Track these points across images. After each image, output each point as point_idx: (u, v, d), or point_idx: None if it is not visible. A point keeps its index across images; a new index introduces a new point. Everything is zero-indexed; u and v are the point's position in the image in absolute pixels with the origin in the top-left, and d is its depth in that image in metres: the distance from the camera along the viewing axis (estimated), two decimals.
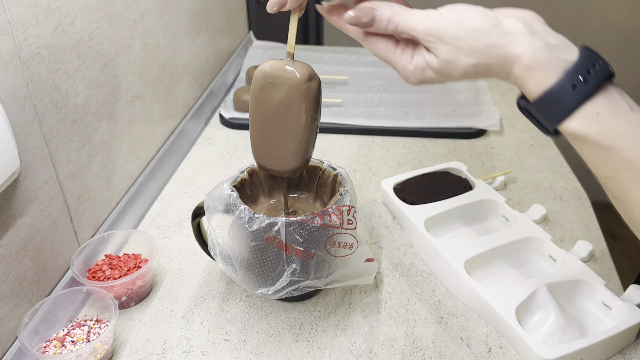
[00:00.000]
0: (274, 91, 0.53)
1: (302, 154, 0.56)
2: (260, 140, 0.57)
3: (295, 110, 0.54)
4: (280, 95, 0.53)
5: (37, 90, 0.59)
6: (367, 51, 1.29)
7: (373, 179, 0.88)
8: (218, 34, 1.17)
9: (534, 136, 0.98)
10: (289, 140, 0.55)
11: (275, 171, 0.58)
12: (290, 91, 0.53)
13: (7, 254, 0.57)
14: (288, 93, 0.53)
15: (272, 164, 0.58)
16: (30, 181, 0.59)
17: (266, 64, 0.54)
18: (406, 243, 0.74)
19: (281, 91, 0.53)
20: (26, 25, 0.57)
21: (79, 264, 0.65)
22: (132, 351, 0.59)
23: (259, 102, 0.55)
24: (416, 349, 0.59)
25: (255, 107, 0.55)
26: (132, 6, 0.78)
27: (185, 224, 0.78)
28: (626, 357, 0.58)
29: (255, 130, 0.57)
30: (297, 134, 0.55)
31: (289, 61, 0.53)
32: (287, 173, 0.58)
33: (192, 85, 1.04)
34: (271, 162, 0.58)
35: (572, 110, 0.43)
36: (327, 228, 0.55)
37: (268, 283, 0.57)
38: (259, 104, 0.55)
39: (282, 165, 0.57)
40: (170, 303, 0.65)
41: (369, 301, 0.65)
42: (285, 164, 0.57)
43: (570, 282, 0.63)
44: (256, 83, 0.54)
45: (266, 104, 0.54)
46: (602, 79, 0.42)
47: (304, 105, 0.53)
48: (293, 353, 0.59)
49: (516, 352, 0.58)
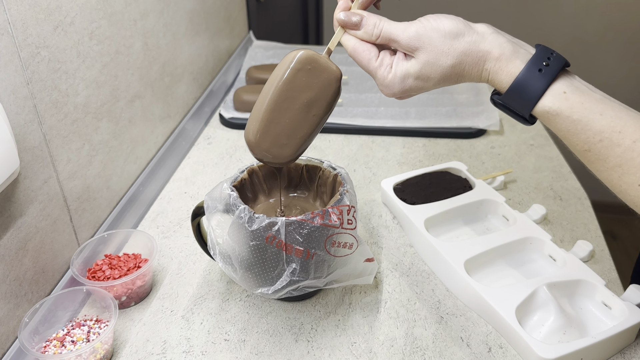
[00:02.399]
0: (309, 78, 0.53)
1: (303, 148, 0.56)
2: (268, 120, 0.54)
3: (320, 103, 0.53)
4: (313, 84, 0.53)
5: (37, 90, 0.59)
6: None
7: (373, 179, 0.88)
8: (218, 34, 1.17)
9: (534, 136, 0.98)
10: (299, 131, 0.54)
11: (270, 156, 0.55)
12: (326, 84, 0.53)
13: (7, 253, 0.56)
14: (323, 85, 0.53)
15: (271, 149, 0.55)
16: (30, 181, 0.59)
17: (308, 50, 0.53)
18: (406, 243, 0.74)
19: (316, 81, 0.53)
20: (26, 25, 0.57)
21: (79, 263, 0.65)
22: (132, 351, 0.59)
23: (287, 84, 0.52)
24: (416, 349, 0.59)
25: (279, 86, 0.53)
26: (132, 6, 0.78)
27: (185, 224, 0.78)
28: (626, 357, 0.58)
29: (266, 109, 0.53)
30: (310, 127, 0.54)
31: (328, 58, 0.54)
32: (281, 163, 0.56)
33: (192, 85, 1.04)
34: (270, 147, 0.55)
35: (542, 91, 0.49)
36: (327, 228, 0.55)
37: (268, 283, 0.57)
38: (287, 85, 0.52)
39: (281, 153, 0.55)
40: (170, 303, 0.65)
41: (369, 301, 0.65)
42: (284, 153, 0.55)
43: (570, 282, 0.63)
44: (292, 64, 0.52)
45: (294, 88, 0.53)
46: (561, 65, 0.49)
47: (331, 101, 0.54)
48: (293, 353, 0.59)
49: (516, 352, 0.58)
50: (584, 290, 0.63)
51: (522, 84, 0.49)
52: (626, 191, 0.48)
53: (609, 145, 0.48)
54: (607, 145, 0.48)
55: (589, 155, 0.49)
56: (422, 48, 0.51)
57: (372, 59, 0.53)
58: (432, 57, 0.51)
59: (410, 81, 0.52)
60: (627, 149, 0.47)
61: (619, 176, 0.48)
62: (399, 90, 0.53)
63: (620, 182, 0.48)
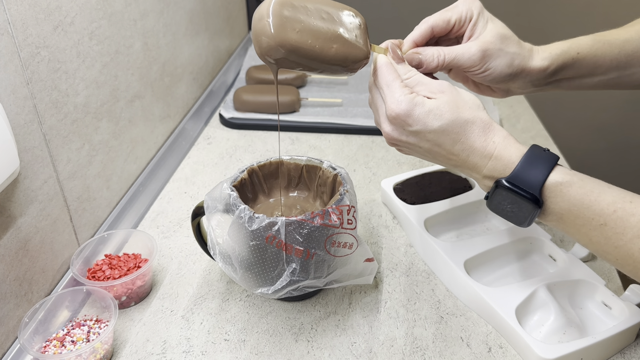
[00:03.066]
0: (356, 33, 0.55)
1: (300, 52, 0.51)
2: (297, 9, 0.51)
3: (344, 51, 0.53)
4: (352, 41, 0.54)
5: (36, 90, 0.59)
6: None
7: (373, 178, 0.88)
8: (218, 34, 1.17)
9: (533, 136, 0.98)
10: (313, 37, 0.51)
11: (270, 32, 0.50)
12: (358, 50, 0.54)
13: (7, 253, 0.56)
14: (356, 48, 0.54)
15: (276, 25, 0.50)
16: (30, 181, 0.59)
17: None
18: (406, 243, 0.74)
19: (357, 41, 0.54)
20: (26, 25, 0.57)
21: (79, 263, 0.65)
22: (132, 351, 0.59)
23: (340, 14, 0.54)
24: (416, 349, 0.59)
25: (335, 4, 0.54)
26: (132, 6, 0.78)
27: (185, 224, 0.78)
28: (626, 357, 0.58)
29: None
30: (321, 47, 0.52)
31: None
32: (269, 46, 0.51)
33: (192, 85, 1.04)
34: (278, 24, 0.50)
35: (553, 164, 0.50)
36: (327, 228, 0.55)
37: (268, 283, 0.57)
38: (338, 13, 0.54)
39: (281, 34, 0.50)
40: (170, 303, 0.65)
41: (369, 301, 0.65)
42: (284, 36, 0.50)
43: (570, 282, 0.63)
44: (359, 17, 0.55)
45: (341, 22, 0.54)
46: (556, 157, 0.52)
47: (349, 62, 0.54)
48: (293, 353, 0.59)
49: (516, 352, 0.58)
50: (584, 290, 0.63)
51: (534, 157, 0.50)
52: None
53: (623, 216, 0.47)
54: (622, 216, 0.47)
55: (606, 230, 0.48)
56: (448, 92, 0.52)
57: (398, 76, 0.53)
58: (453, 101, 0.51)
59: (419, 111, 0.51)
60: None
61: (639, 248, 0.46)
62: (403, 112, 0.51)
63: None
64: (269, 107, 1.03)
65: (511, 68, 0.58)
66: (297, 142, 0.98)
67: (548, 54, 0.60)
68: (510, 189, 0.50)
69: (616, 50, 0.61)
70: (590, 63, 0.61)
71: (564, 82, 0.62)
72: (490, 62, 0.57)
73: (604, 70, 0.62)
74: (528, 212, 0.50)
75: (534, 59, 0.59)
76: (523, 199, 0.50)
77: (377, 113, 0.56)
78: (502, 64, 0.57)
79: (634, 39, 0.62)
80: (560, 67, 0.60)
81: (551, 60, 0.59)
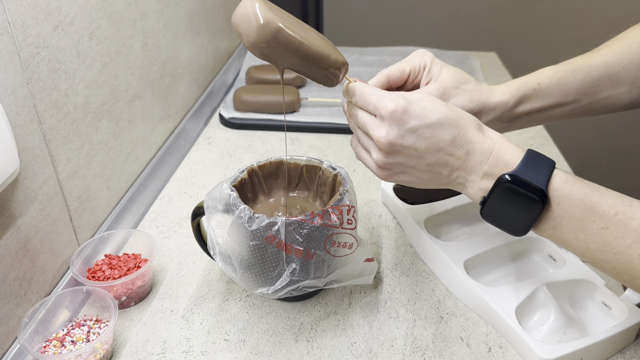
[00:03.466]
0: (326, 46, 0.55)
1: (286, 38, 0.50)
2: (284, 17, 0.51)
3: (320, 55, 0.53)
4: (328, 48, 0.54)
5: (36, 90, 0.59)
6: (367, 51, 1.30)
7: (373, 178, 0.88)
8: (218, 34, 1.17)
9: (533, 136, 0.98)
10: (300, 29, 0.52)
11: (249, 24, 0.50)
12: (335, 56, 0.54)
13: (6, 253, 0.56)
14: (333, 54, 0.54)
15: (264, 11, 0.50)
16: (30, 181, 0.59)
17: None
18: (406, 243, 0.74)
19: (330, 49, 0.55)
20: (26, 25, 0.57)
21: (79, 263, 0.65)
22: (131, 351, 0.59)
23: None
24: (416, 349, 0.59)
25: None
26: (131, 6, 0.78)
27: (185, 224, 0.78)
28: (626, 357, 0.58)
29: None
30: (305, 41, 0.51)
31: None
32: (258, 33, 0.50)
33: (191, 85, 1.04)
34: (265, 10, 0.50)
35: (553, 165, 0.49)
36: (327, 228, 0.55)
37: (268, 283, 0.57)
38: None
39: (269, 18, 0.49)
40: (170, 303, 0.65)
41: (369, 301, 0.65)
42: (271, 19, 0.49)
43: (570, 282, 0.63)
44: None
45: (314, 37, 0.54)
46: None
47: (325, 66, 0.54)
48: (293, 353, 0.59)
49: (516, 352, 0.58)
50: (584, 290, 0.63)
51: (534, 158, 0.49)
52: None
53: (624, 219, 0.46)
54: (622, 219, 0.46)
55: (607, 235, 0.47)
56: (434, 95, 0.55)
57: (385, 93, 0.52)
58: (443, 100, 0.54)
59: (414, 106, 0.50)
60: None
61: (639, 254, 0.45)
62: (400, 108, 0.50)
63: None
64: (269, 107, 1.03)
65: (472, 103, 0.58)
66: (297, 142, 0.98)
67: (506, 88, 0.60)
68: (515, 185, 0.48)
69: (580, 77, 0.61)
70: (555, 92, 0.61)
71: (533, 115, 0.62)
72: (450, 100, 0.58)
73: (572, 98, 0.62)
74: (529, 214, 0.49)
75: (493, 94, 0.60)
76: (526, 197, 0.48)
77: (366, 126, 0.53)
78: (462, 101, 0.58)
79: (599, 63, 0.62)
80: (521, 99, 0.60)
81: (510, 93, 0.60)
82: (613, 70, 0.62)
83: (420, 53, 0.60)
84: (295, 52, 0.51)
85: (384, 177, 0.54)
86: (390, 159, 0.52)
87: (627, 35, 0.65)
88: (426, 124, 0.50)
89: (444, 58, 1.27)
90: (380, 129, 0.51)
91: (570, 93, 0.61)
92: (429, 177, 0.53)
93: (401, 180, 0.54)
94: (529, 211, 0.49)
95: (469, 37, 1.93)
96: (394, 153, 0.51)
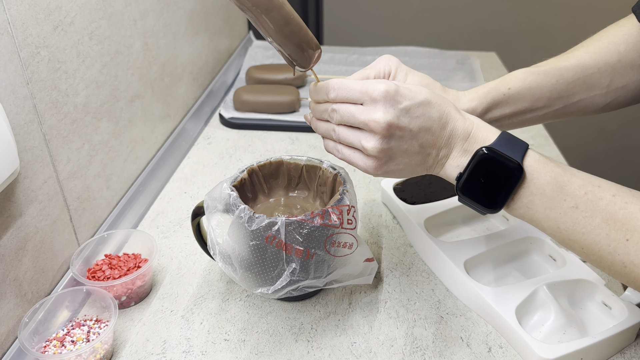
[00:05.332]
0: None
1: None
2: None
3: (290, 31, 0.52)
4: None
5: (36, 90, 0.59)
6: (367, 51, 1.30)
7: (373, 179, 0.88)
8: (218, 34, 1.17)
9: (533, 136, 0.98)
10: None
11: None
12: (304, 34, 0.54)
13: (6, 253, 0.56)
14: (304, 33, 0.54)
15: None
16: (30, 181, 0.59)
17: None
18: (406, 243, 0.74)
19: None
20: (26, 24, 0.57)
21: (79, 263, 0.65)
22: (131, 351, 0.59)
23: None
24: (416, 349, 0.59)
25: None
26: (131, 6, 0.78)
27: (185, 224, 0.78)
28: (626, 357, 0.58)
29: None
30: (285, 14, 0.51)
31: None
32: None
33: (191, 85, 1.04)
34: None
35: (527, 146, 0.50)
36: (327, 228, 0.55)
37: (268, 282, 0.57)
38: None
39: None
40: (170, 303, 0.65)
41: (369, 301, 0.65)
42: None
43: (570, 282, 0.63)
44: None
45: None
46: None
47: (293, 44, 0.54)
48: (293, 353, 0.59)
49: (516, 352, 0.58)
50: (584, 290, 0.63)
51: (509, 137, 0.50)
52: (615, 250, 0.46)
53: (593, 199, 0.47)
54: (592, 199, 0.47)
55: (576, 214, 0.47)
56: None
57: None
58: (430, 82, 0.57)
59: (402, 88, 0.50)
60: (609, 202, 0.46)
61: (606, 234, 0.46)
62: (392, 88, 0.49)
63: (609, 240, 0.46)
64: (269, 107, 1.03)
65: None
66: (297, 142, 0.98)
67: (474, 94, 0.59)
68: (492, 155, 0.49)
69: (553, 80, 0.60)
70: (526, 97, 0.60)
71: (504, 120, 0.61)
72: None
73: (544, 102, 0.61)
74: (504, 186, 0.49)
75: (460, 101, 0.59)
76: (503, 167, 0.48)
77: (354, 116, 0.51)
78: None
79: (573, 65, 0.61)
80: (490, 105, 0.59)
81: (478, 100, 0.59)
82: (587, 73, 0.61)
83: (385, 59, 0.58)
84: (278, 10, 0.50)
85: (375, 168, 0.52)
86: (385, 144, 0.50)
87: (602, 35, 0.63)
88: (416, 103, 0.50)
89: (444, 58, 1.27)
90: (375, 112, 0.49)
91: (542, 97, 0.60)
92: (418, 160, 0.52)
93: (390, 169, 0.53)
94: (505, 183, 0.49)
95: (469, 37, 1.93)
96: (389, 137, 0.50)
